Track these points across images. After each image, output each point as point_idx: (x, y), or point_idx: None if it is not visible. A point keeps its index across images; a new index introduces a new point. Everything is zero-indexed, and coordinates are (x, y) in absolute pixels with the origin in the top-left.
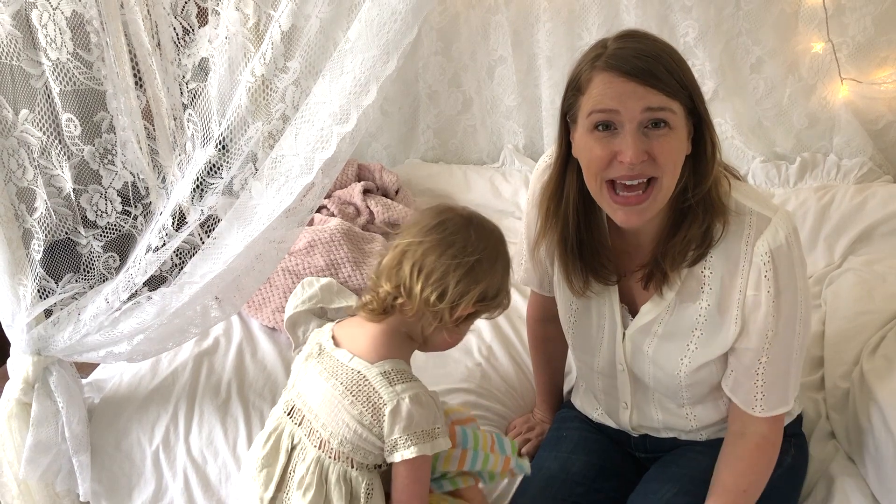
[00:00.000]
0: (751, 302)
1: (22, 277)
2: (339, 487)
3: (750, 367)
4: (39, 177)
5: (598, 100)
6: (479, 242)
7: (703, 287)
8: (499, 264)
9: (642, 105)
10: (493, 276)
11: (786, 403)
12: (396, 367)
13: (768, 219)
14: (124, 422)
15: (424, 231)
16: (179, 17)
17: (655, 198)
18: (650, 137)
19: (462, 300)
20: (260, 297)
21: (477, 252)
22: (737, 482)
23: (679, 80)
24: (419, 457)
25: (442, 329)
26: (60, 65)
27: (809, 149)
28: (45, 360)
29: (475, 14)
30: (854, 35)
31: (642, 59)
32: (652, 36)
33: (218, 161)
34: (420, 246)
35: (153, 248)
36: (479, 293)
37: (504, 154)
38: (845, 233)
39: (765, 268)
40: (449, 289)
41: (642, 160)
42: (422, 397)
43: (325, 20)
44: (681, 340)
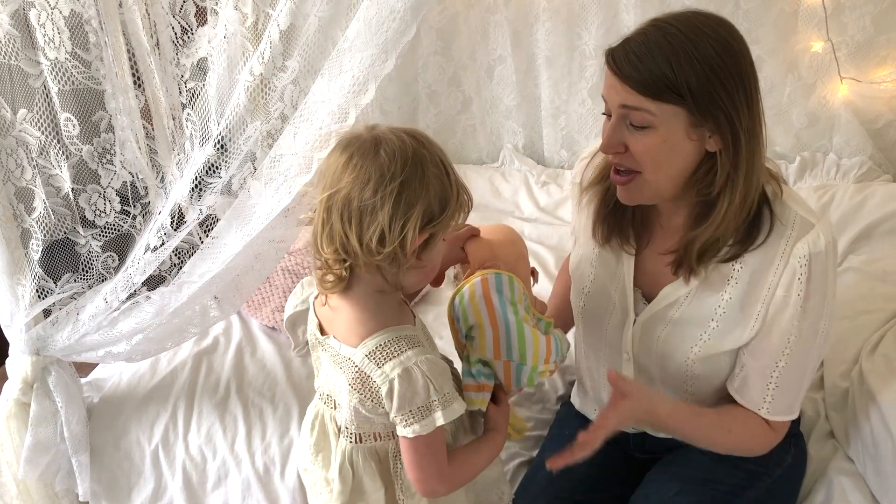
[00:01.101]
0: (779, 301)
1: (20, 277)
2: (368, 464)
3: (766, 367)
4: (38, 176)
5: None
6: (395, 162)
7: (730, 280)
8: (428, 175)
9: (619, 101)
10: (427, 191)
11: (791, 412)
12: (381, 342)
13: (812, 224)
14: (123, 421)
15: (337, 176)
16: (178, 16)
17: (640, 188)
18: (631, 133)
19: (406, 231)
20: (259, 296)
21: (398, 175)
22: (723, 421)
23: (672, 81)
24: (421, 435)
25: (407, 269)
26: (59, 64)
27: (809, 148)
28: (44, 359)
29: (474, 13)
30: (853, 34)
31: (630, 57)
32: (675, 25)
33: (217, 161)
34: (338, 194)
35: (152, 248)
36: (421, 215)
37: (503, 154)
38: (845, 232)
39: (800, 270)
40: (386, 227)
41: (616, 151)
42: (412, 371)
43: (324, 19)
44: (696, 328)
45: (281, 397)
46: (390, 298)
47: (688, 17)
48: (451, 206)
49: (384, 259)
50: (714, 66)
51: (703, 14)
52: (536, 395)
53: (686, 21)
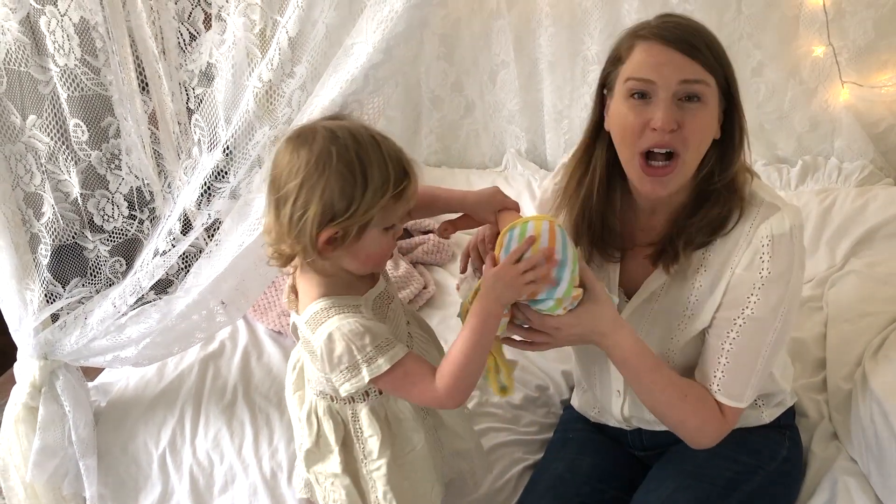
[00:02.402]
0: (737, 279)
1: (29, 282)
2: (328, 421)
3: (718, 337)
4: (47, 182)
5: (636, 67)
6: (302, 160)
7: (700, 268)
8: (328, 173)
9: (679, 76)
10: (325, 189)
11: (740, 399)
12: (315, 310)
13: (778, 208)
14: (131, 425)
15: (273, 163)
16: (186, 23)
17: (679, 172)
18: (683, 109)
19: (308, 226)
20: (265, 301)
21: (300, 172)
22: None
23: (717, 56)
24: (380, 375)
25: (340, 256)
26: (68, 71)
27: (811, 152)
28: (52, 364)
29: (477, 19)
30: (855, 39)
31: (683, 29)
32: (691, 18)
33: (225, 166)
34: (270, 182)
35: (160, 252)
36: (320, 213)
37: (507, 158)
38: (847, 235)
39: (763, 250)
40: (288, 220)
41: (672, 129)
42: (333, 335)
43: (331, 25)
44: (674, 319)
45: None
46: (331, 277)
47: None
48: (361, 202)
49: (296, 247)
50: (725, 54)
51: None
52: (541, 398)
53: (685, 15)
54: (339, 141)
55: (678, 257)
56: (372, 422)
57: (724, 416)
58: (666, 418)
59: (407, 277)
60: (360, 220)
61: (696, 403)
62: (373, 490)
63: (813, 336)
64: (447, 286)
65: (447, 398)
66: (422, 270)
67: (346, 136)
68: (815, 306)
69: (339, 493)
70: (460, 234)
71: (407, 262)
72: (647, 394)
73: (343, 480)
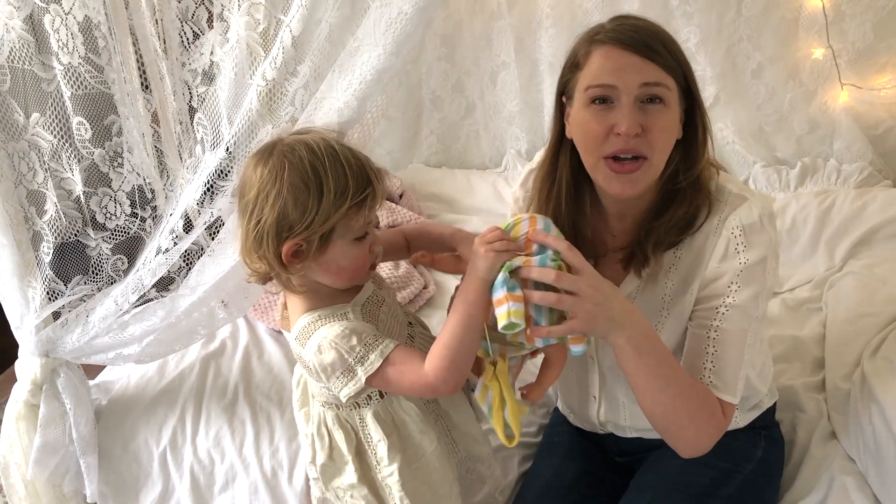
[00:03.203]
0: (713, 272)
1: (31, 279)
2: (339, 431)
3: (702, 327)
4: (49, 179)
5: (596, 74)
6: (254, 177)
7: (672, 268)
8: (279, 187)
9: (640, 79)
10: (280, 200)
11: (733, 393)
12: (302, 325)
13: (745, 198)
14: (131, 423)
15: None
16: (189, 21)
17: (644, 175)
18: (645, 112)
19: (265, 240)
20: (266, 300)
21: (252, 188)
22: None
23: (675, 56)
24: (375, 372)
25: (297, 270)
26: (72, 69)
27: (810, 154)
28: (53, 361)
29: (478, 20)
30: (854, 41)
31: (641, 32)
32: (646, 18)
33: (227, 164)
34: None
35: (163, 251)
36: (273, 224)
37: (507, 159)
38: (846, 237)
39: (735, 240)
40: (247, 235)
41: (636, 133)
42: (321, 346)
43: (335, 25)
44: (652, 318)
45: (288, 401)
46: (313, 292)
47: (640, 16)
48: (317, 213)
49: (260, 263)
50: (680, 49)
51: None
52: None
53: (644, 18)
54: (294, 153)
55: (648, 261)
56: (377, 426)
57: (725, 415)
58: (670, 416)
59: (407, 277)
60: (320, 230)
61: (706, 399)
62: (391, 497)
63: (812, 336)
64: (447, 286)
65: (440, 382)
66: (422, 270)
67: (302, 149)
68: (815, 307)
69: (358, 503)
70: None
71: (407, 262)
72: (650, 387)
73: (360, 490)
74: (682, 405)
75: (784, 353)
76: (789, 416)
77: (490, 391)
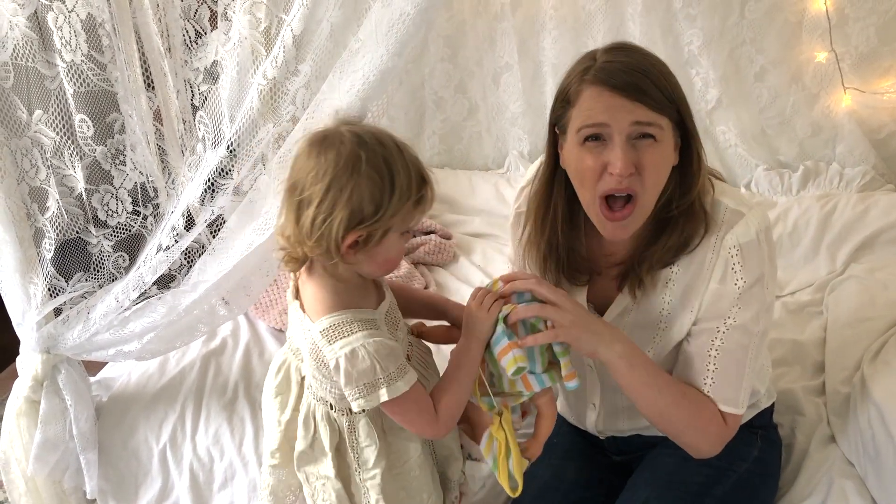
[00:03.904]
0: (713, 293)
1: (33, 276)
2: (325, 426)
3: (703, 347)
4: (52, 176)
5: (587, 114)
6: (330, 162)
7: (669, 283)
8: (358, 177)
9: (631, 119)
10: (355, 193)
11: (735, 404)
12: (335, 322)
13: (742, 214)
14: (132, 420)
15: (295, 165)
16: (192, 20)
17: (637, 214)
18: (638, 149)
19: (331, 228)
20: (267, 298)
21: (328, 174)
22: (680, 385)
23: (667, 94)
24: (390, 400)
25: (359, 260)
26: (75, 66)
27: (812, 157)
28: (54, 358)
29: (482, 21)
30: (857, 45)
31: (631, 73)
32: (641, 49)
33: (228, 163)
34: (290, 182)
35: (164, 248)
36: (348, 216)
37: (509, 160)
38: (847, 241)
39: (732, 260)
40: (311, 222)
41: (630, 172)
42: (358, 352)
43: (336, 24)
44: (648, 332)
45: None
46: (347, 285)
47: (632, 45)
48: (388, 207)
49: (316, 250)
50: (675, 81)
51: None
52: None
53: (637, 47)
54: (368, 145)
55: (643, 283)
56: (370, 432)
57: (725, 421)
58: (665, 418)
59: (408, 278)
60: (386, 225)
61: (698, 406)
62: (365, 496)
63: (812, 340)
64: (448, 286)
65: (443, 430)
66: (423, 271)
67: (373, 141)
68: (815, 311)
69: (329, 494)
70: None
71: (408, 262)
72: (644, 397)
73: (335, 484)
74: (676, 413)
75: (784, 357)
76: (789, 419)
77: (495, 442)
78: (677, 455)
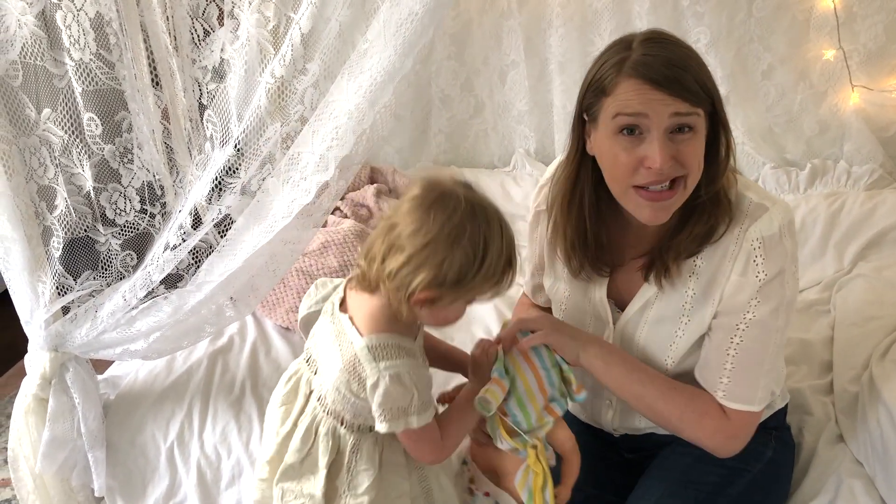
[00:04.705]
0: (734, 285)
1: (41, 274)
2: (326, 441)
3: (722, 344)
4: (60, 175)
5: (625, 103)
6: (435, 224)
7: (692, 275)
8: (455, 247)
9: (671, 110)
10: (446, 260)
11: (750, 402)
12: (384, 342)
13: (766, 208)
14: (139, 418)
15: (401, 207)
16: (200, 19)
17: (682, 195)
18: (676, 142)
19: (411, 282)
20: (274, 297)
21: (429, 234)
22: (670, 381)
23: (703, 86)
24: (409, 430)
25: (417, 309)
26: (83, 65)
27: (820, 155)
28: (62, 356)
29: (488, 19)
30: (865, 42)
31: (671, 68)
32: (676, 39)
33: (236, 162)
34: (391, 220)
35: (171, 247)
36: (431, 277)
37: (515, 158)
38: (855, 239)
39: (755, 253)
40: (397, 268)
41: (670, 164)
42: (403, 377)
43: (345, 23)
44: (670, 325)
45: None
46: (406, 320)
47: (664, 34)
48: (469, 282)
49: (390, 290)
50: (709, 72)
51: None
52: None
53: (672, 36)
54: (476, 220)
55: (669, 271)
56: (372, 455)
57: (727, 417)
58: (659, 418)
59: None
60: (461, 296)
61: (691, 401)
62: None
63: (820, 339)
64: None
65: (444, 459)
66: None
67: (482, 217)
68: (823, 309)
69: None
70: None
71: None
72: (629, 393)
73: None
74: (664, 406)
75: (792, 356)
76: (797, 418)
77: (531, 474)
78: (691, 454)
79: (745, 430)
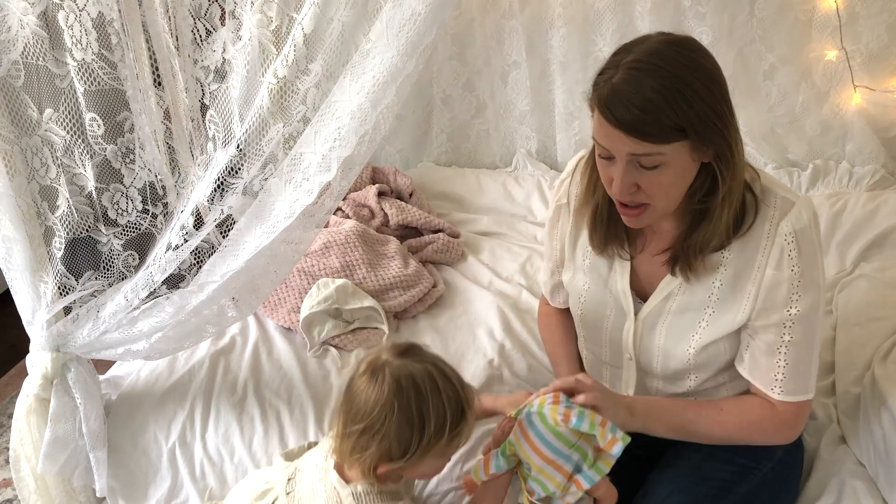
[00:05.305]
0: (770, 280)
1: (43, 274)
2: None
3: (773, 344)
4: (62, 175)
5: (596, 130)
6: (365, 406)
7: (720, 267)
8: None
9: (627, 150)
10: (386, 439)
11: (806, 391)
12: (367, 490)
13: (792, 202)
14: (141, 419)
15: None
16: (202, 19)
17: (649, 215)
18: (641, 172)
19: (367, 462)
20: (276, 297)
21: (366, 416)
22: (711, 403)
23: (676, 122)
24: None
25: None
26: (85, 65)
27: (822, 156)
28: (64, 356)
29: (490, 19)
30: (867, 43)
31: (632, 111)
32: (664, 66)
33: (238, 162)
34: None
35: (173, 247)
36: (379, 455)
37: (517, 158)
38: (857, 240)
39: (788, 247)
40: (349, 447)
41: (631, 192)
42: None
43: (347, 24)
44: (694, 316)
45: (297, 398)
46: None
47: (664, 52)
48: (419, 450)
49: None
50: (705, 99)
51: (673, 42)
52: None
53: (665, 57)
54: (403, 393)
55: (693, 266)
56: None
57: (777, 409)
58: (718, 435)
59: (416, 276)
60: (417, 462)
61: (737, 413)
62: None
63: (822, 340)
64: (456, 285)
65: None
66: (431, 269)
67: (409, 387)
68: (825, 310)
69: None
70: (469, 235)
71: (416, 260)
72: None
73: None
74: (723, 434)
75: None
76: None
77: None
78: (702, 450)
79: (803, 416)
